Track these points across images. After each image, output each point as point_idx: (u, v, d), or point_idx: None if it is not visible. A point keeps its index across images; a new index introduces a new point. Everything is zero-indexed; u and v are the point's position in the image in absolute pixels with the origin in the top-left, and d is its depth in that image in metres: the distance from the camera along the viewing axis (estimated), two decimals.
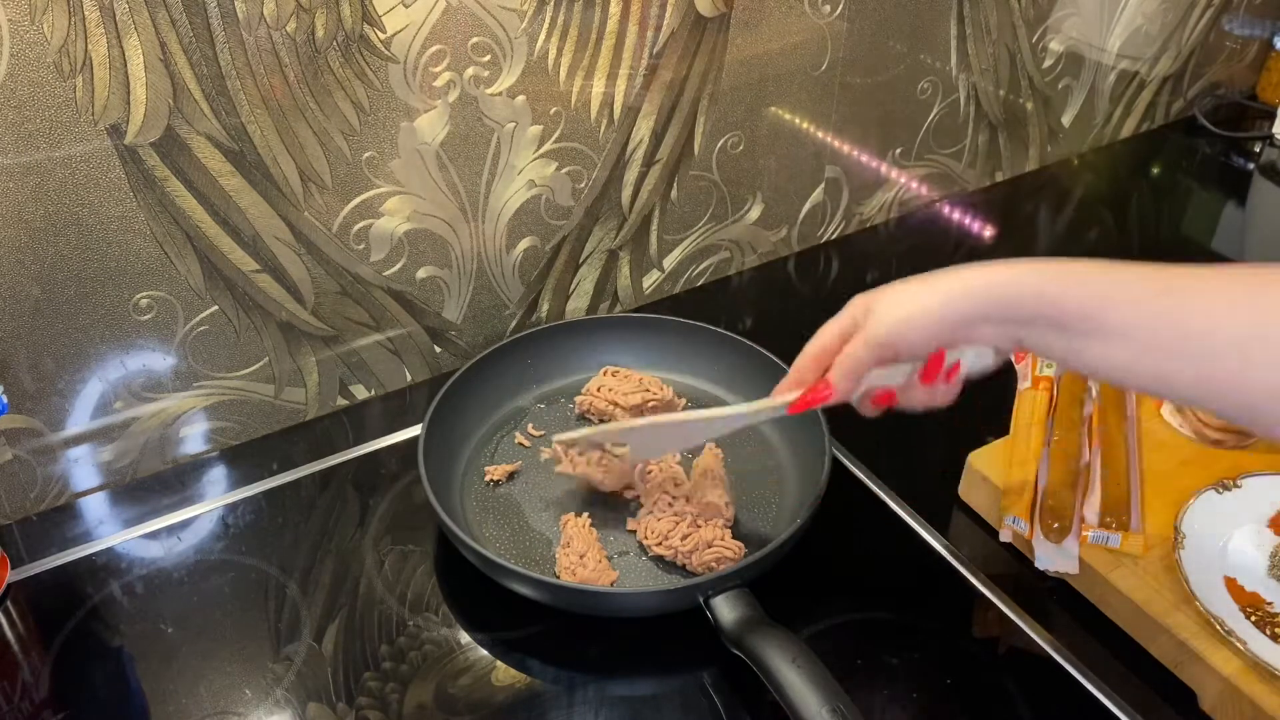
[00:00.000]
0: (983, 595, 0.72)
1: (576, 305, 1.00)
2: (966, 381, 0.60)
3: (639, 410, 0.84)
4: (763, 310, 1.04)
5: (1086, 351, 0.49)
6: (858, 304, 0.59)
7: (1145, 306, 0.46)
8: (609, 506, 0.77)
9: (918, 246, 1.15)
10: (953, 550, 0.76)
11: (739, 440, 0.81)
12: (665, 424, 0.72)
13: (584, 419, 0.86)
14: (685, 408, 0.87)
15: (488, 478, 0.80)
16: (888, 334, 0.56)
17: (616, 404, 0.84)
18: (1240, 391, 0.45)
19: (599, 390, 0.85)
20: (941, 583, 0.74)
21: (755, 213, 1.05)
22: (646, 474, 0.79)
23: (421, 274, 0.88)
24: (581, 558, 0.71)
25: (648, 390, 0.84)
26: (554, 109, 0.86)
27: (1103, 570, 0.69)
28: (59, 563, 0.76)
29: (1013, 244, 1.16)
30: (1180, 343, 0.46)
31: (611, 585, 0.70)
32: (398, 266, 0.86)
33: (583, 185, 0.92)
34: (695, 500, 0.74)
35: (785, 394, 0.63)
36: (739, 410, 0.67)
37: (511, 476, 0.81)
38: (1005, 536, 0.73)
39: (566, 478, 0.79)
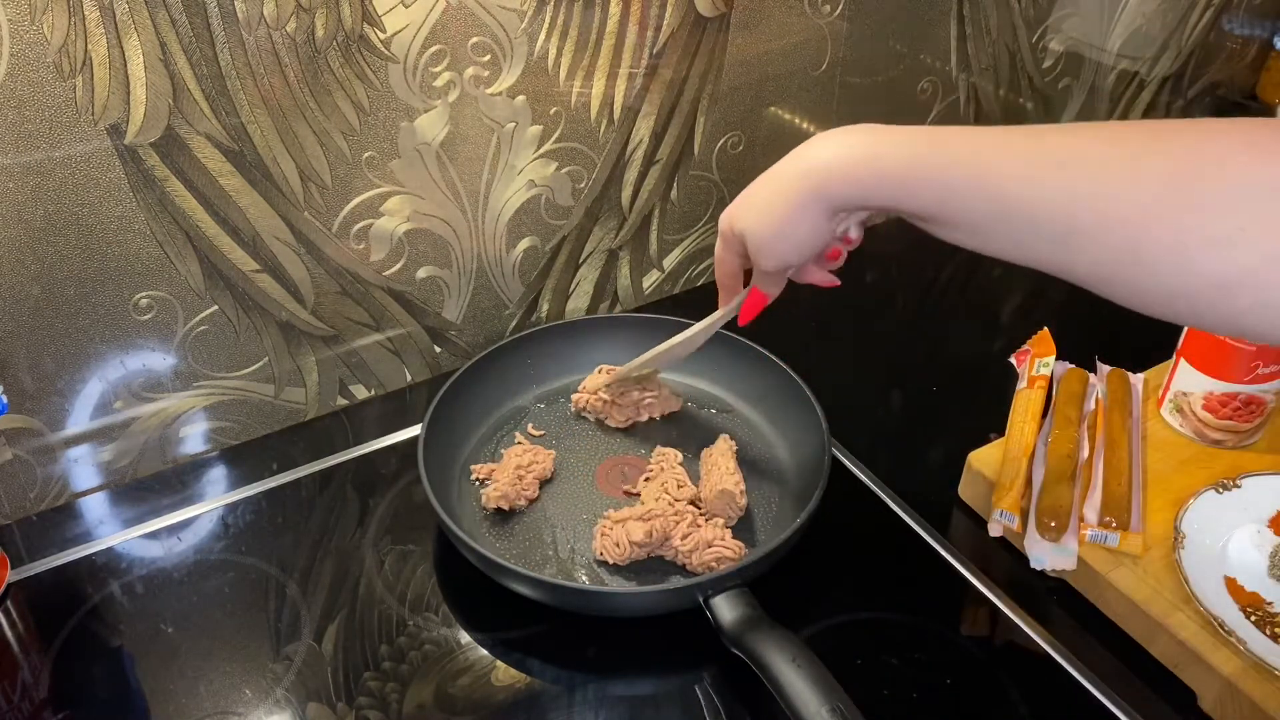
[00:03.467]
0: (983, 595, 0.72)
1: (576, 305, 1.00)
2: (867, 225, 0.63)
3: (636, 407, 0.84)
4: (763, 310, 1.04)
5: (935, 232, 0.52)
6: (728, 228, 0.62)
7: (967, 204, 0.48)
8: (610, 505, 0.77)
9: (918, 246, 1.15)
10: (952, 550, 0.76)
11: (740, 439, 0.81)
12: (666, 349, 0.79)
13: (581, 417, 0.86)
14: (684, 407, 0.87)
15: (474, 476, 0.80)
16: (776, 264, 0.61)
17: (613, 401, 0.84)
18: (1067, 268, 0.46)
19: (594, 389, 0.85)
20: (941, 583, 0.74)
21: None
22: (647, 476, 0.79)
23: (421, 274, 0.88)
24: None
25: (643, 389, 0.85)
26: (554, 109, 0.86)
27: (1102, 570, 0.69)
28: (59, 563, 0.76)
29: None
30: (1003, 229, 0.48)
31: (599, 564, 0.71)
32: (398, 266, 0.86)
33: (583, 185, 0.92)
34: (708, 488, 0.74)
35: (729, 303, 0.71)
36: (712, 319, 0.74)
37: None
38: (994, 530, 0.73)
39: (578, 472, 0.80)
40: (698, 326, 0.76)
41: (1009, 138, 0.48)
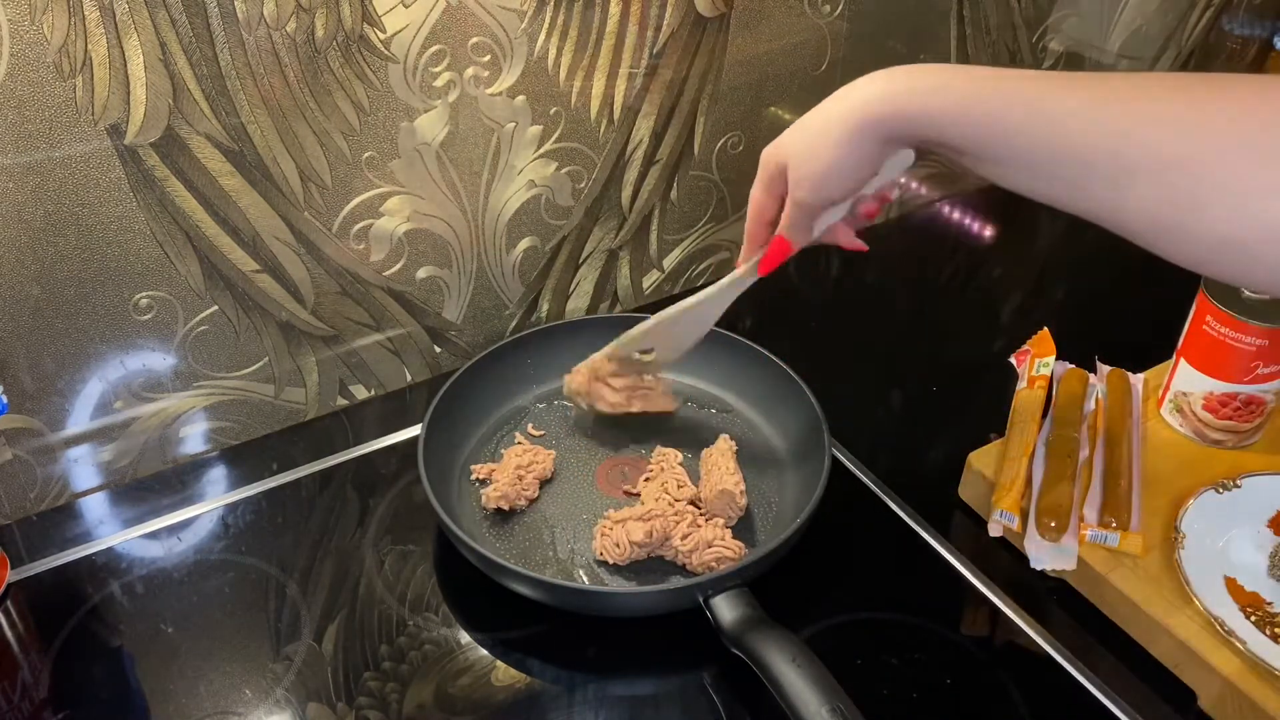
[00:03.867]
0: (983, 595, 0.72)
1: (576, 305, 1.00)
2: (902, 183, 0.62)
3: (629, 393, 0.82)
4: (763, 310, 1.04)
5: (978, 169, 0.51)
6: (770, 162, 0.61)
7: (1021, 139, 0.48)
8: (610, 505, 0.77)
9: (918, 246, 1.15)
10: (953, 550, 0.76)
11: (740, 439, 0.81)
12: (673, 316, 0.74)
13: (578, 418, 0.86)
14: (683, 407, 0.87)
15: (474, 476, 0.80)
16: (812, 196, 0.59)
17: (605, 381, 0.82)
18: (1115, 212, 0.46)
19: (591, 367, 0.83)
20: (941, 583, 0.74)
21: None
22: (647, 476, 0.79)
23: (421, 274, 0.88)
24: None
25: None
26: (554, 109, 0.86)
27: (1102, 570, 0.69)
28: (59, 563, 0.76)
29: (1012, 244, 1.16)
30: (1054, 167, 0.47)
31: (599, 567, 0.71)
32: (398, 266, 0.86)
33: (583, 185, 0.92)
34: (709, 487, 0.74)
35: (751, 258, 0.68)
36: (723, 284, 0.71)
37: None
38: (994, 530, 0.73)
39: (577, 471, 0.79)
40: (714, 289, 0.72)
41: (1072, 79, 0.48)
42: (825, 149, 0.56)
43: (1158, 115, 0.44)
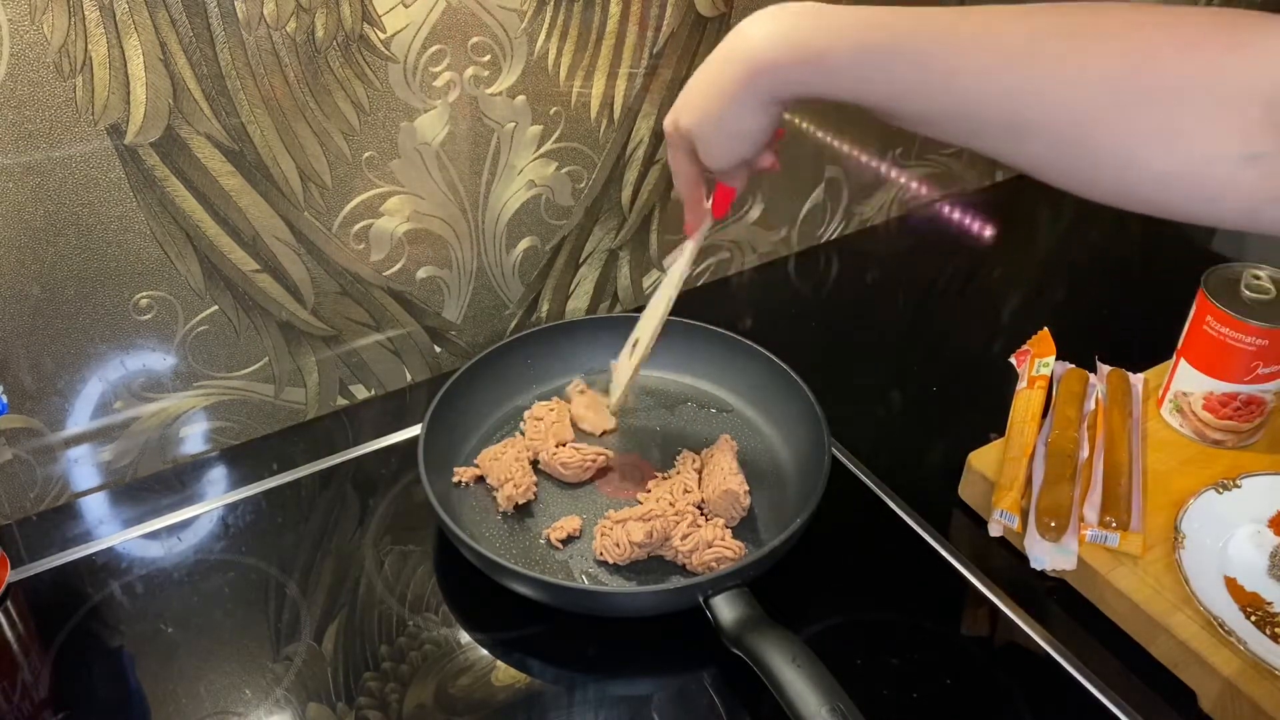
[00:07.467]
0: (983, 595, 0.72)
1: (576, 305, 1.00)
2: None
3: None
4: (763, 310, 1.04)
5: (880, 117, 0.52)
6: (674, 131, 0.61)
7: (925, 104, 0.48)
8: (610, 505, 0.77)
9: (918, 246, 1.15)
10: (952, 550, 0.76)
11: (740, 439, 0.81)
12: (660, 319, 0.76)
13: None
14: (685, 406, 0.87)
15: (457, 479, 0.79)
16: (729, 161, 0.60)
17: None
18: (1015, 159, 0.47)
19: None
20: (941, 583, 0.74)
21: (755, 213, 1.05)
22: (650, 482, 0.79)
23: (421, 274, 0.88)
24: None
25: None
26: (554, 109, 0.86)
27: (1102, 570, 0.69)
28: (59, 563, 0.76)
29: (1012, 244, 1.16)
30: (949, 124, 0.48)
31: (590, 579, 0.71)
32: (398, 266, 0.86)
33: (583, 185, 0.92)
34: (711, 488, 0.74)
35: (699, 225, 0.71)
36: (682, 265, 0.74)
37: None
38: (994, 530, 0.73)
39: (565, 475, 0.80)
40: (679, 272, 0.74)
41: (957, 26, 0.47)
42: (719, 119, 0.56)
43: (1041, 71, 0.45)
